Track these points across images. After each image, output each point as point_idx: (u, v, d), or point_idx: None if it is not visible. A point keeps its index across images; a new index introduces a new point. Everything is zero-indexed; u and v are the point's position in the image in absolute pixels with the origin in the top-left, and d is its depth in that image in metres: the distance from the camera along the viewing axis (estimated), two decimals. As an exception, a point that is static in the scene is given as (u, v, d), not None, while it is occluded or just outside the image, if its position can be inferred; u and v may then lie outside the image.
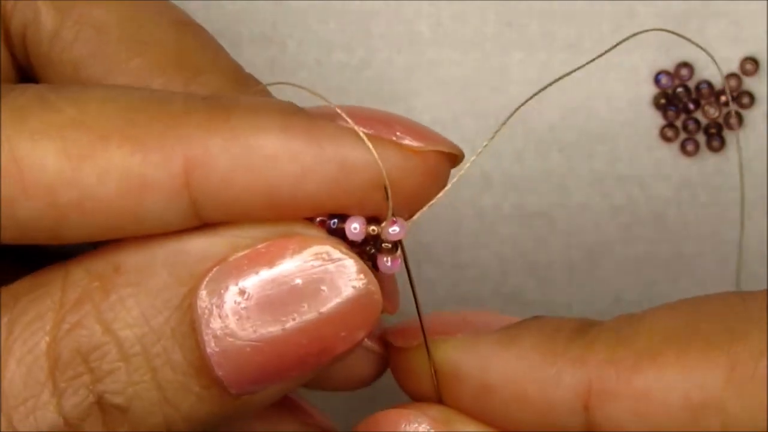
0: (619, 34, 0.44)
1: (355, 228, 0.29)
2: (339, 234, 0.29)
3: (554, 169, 0.44)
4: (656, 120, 0.44)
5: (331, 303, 0.28)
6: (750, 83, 0.44)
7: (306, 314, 0.28)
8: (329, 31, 0.44)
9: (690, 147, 0.44)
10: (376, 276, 0.29)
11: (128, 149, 0.27)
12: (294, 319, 0.28)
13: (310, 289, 0.28)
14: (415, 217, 0.30)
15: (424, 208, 0.30)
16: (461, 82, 0.44)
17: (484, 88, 0.44)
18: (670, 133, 0.44)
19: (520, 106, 0.32)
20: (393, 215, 0.29)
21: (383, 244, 0.29)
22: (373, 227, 0.29)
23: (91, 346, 0.27)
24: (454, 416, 0.31)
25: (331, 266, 0.28)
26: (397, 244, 0.29)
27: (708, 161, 0.44)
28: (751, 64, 0.44)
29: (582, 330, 0.30)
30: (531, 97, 0.32)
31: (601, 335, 0.30)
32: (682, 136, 0.44)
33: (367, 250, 0.29)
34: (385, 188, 0.29)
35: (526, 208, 0.44)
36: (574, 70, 0.33)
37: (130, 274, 0.28)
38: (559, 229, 0.44)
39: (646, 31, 0.35)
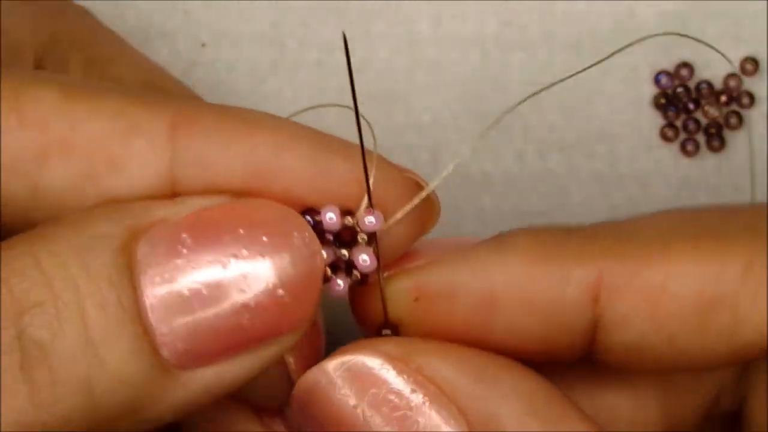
0: (619, 34, 0.44)
1: (330, 218, 0.28)
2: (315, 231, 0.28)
3: (554, 169, 0.44)
4: (656, 120, 0.44)
5: (284, 277, 0.27)
6: (750, 83, 0.44)
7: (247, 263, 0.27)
8: (329, 31, 0.44)
9: (690, 147, 0.44)
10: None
11: (124, 98, 0.28)
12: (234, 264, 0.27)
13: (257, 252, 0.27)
14: (396, 217, 0.29)
15: (405, 208, 0.29)
16: (461, 82, 0.44)
17: (484, 88, 0.44)
18: (670, 133, 0.44)
19: (515, 106, 0.32)
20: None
21: (359, 236, 0.29)
22: (348, 218, 0.28)
23: (20, 279, 0.26)
24: (415, 347, 0.29)
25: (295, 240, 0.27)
26: (372, 238, 0.29)
27: (708, 161, 0.44)
28: (751, 64, 0.44)
29: (578, 230, 0.29)
30: (526, 99, 0.32)
31: (604, 230, 0.29)
32: (682, 136, 0.44)
33: (341, 255, 0.29)
34: (366, 175, 0.28)
35: (526, 208, 0.44)
36: (575, 74, 0.33)
37: (69, 222, 0.27)
38: (559, 229, 0.44)
39: (652, 36, 0.35)
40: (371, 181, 0.29)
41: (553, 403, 0.28)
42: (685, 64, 0.44)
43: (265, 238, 0.27)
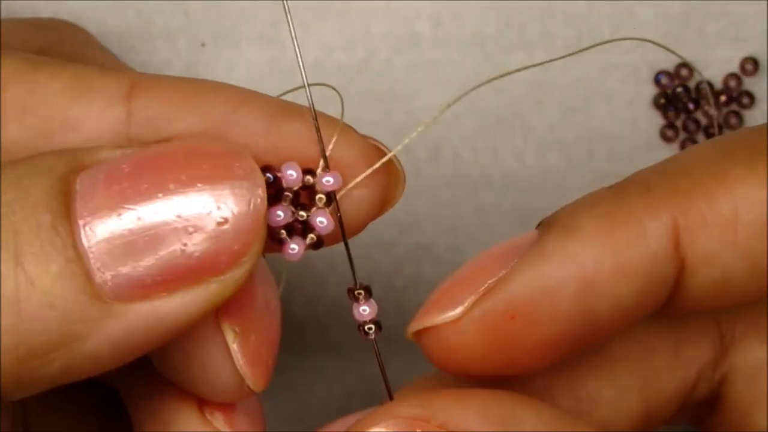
0: (619, 34, 0.44)
1: (291, 174, 0.28)
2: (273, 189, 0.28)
3: (554, 169, 0.44)
4: (656, 120, 0.44)
5: (226, 210, 0.26)
6: (750, 83, 0.44)
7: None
8: (329, 31, 0.44)
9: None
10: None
11: (84, 66, 0.29)
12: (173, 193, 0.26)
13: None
14: (352, 184, 0.29)
15: (363, 175, 0.29)
16: (461, 82, 0.44)
17: (484, 88, 0.44)
18: (670, 133, 0.44)
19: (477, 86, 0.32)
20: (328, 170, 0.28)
21: (317, 197, 0.28)
22: (308, 177, 0.28)
23: None
24: (433, 402, 0.27)
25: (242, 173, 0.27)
26: (330, 199, 0.28)
27: (708, 161, 0.44)
28: (751, 64, 0.44)
29: (627, 187, 0.29)
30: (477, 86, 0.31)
31: (654, 177, 0.29)
32: (682, 136, 0.44)
33: (299, 217, 0.28)
34: (319, 134, 0.28)
35: (526, 208, 0.44)
36: (530, 66, 0.33)
37: (21, 157, 0.27)
38: (559, 229, 0.44)
39: (622, 39, 0.35)
40: (331, 144, 0.28)
41: None
42: (685, 64, 0.44)
43: (205, 166, 0.26)
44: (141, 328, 0.26)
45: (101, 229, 0.26)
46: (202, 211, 0.26)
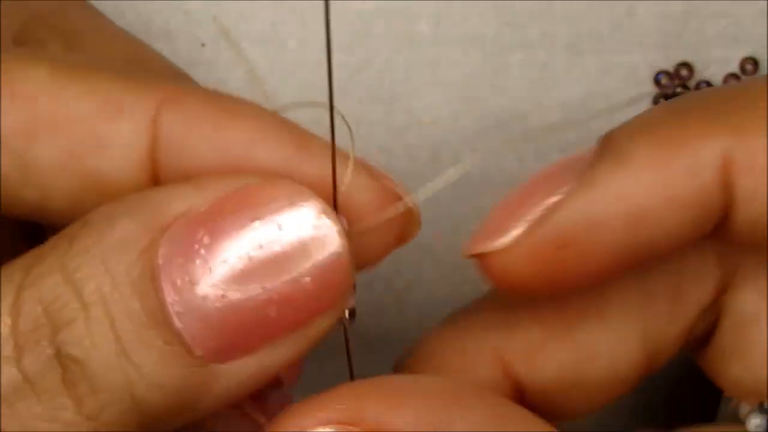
0: (619, 34, 0.44)
1: None
2: None
3: (554, 169, 0.44)
4: (656, 120, 0.44)
5: (307, 264, 0.27)
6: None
7: (277, 273, 0.27)
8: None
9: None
10: None
11: (112, 78, 0.29)
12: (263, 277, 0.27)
13: (289, 247, 0.27)
14: (364, 226, 0.29)
15: (371, 222, 0.29)
16: (461, 82, 0.44)
17: (484, 88, 0.44)
18: (670, 133, 0.44)
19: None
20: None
21: None
22: None
23: (52, 297, 0.27)
24: (363, 403, 0.27)
25: (317, 223, 0.27)
26: None
27: (708, 161, 0.44)
28: (751, 64, 0.44)
29: (687, 107, 0.29)
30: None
31: (710, 105, 0.28)
32: (682, 136, 0.44)
33: None
34: (334, 178, 0.28)
35: (526, 208, 0.44)
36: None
37: (94, 225, 0.27)
38: (559, 229, 0.44)
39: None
40: (344, 186, 0.28)
41: None
42: (685, 64, 0.44)
43: (279, 225, 0.27)
44: (247, 381, 0.28)
45: (191, 306, 0.27)
46: (284, 273, 0.27)
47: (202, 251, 0.27)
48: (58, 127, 0.29)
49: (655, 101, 0.44)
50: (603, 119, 0.44)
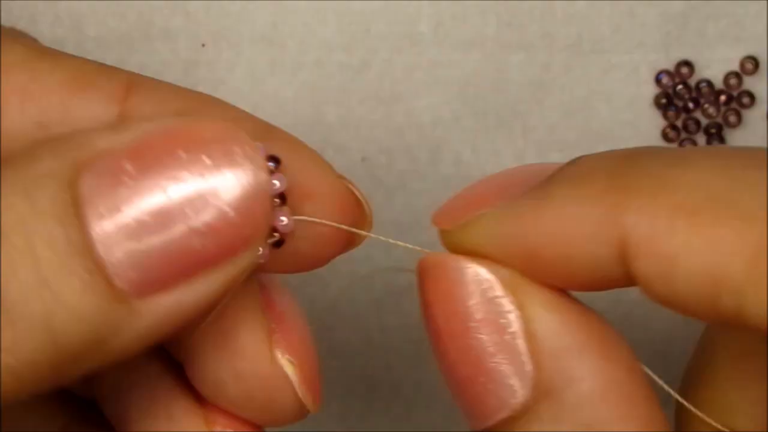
0: (619, 34, 0.44)
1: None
2: None
3: (554, 169, 0.44)
4: (657, 120, 0.44)
5: (231, 196, 0.27)
6: (750, 83, 0.44)
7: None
8: (329, 31, 0.44)
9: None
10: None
11: (84, 61, 0.30)
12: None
13: (214, 179, 0.27)
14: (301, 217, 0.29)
15: (317, 220, 0.29)
16: (461, 82, 0.44)
17: (484, 88, 0.44)
18: (672, 134, 0.44)
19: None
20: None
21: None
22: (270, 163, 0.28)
23: None
24: (525, 290, 0.29)
25: (242, 158, 0.27)
26: (284, 198, 0.29)
27: (708, 161, 0.44)
28: (751, 64, 0.44)
29: (619, 172, 0.28)
30: None
31: (641, 181, 0.28)
32: (684, 136, 0.44)
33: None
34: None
35: (526, 208, 0.44)
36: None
37: (17, 160, 0.27)
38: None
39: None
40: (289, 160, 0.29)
41: (633, 392, 0.28)
42: (686, 63, 0.44)
43: (205, 158, 0.27)
44: (166, 319, 0.27)
45: (114, 234, 0.26)
46: (209, 202, 0.27)
47: (127, 180, 0.27)
48: (28, 96, 0.30)
49: (656, 101, 0.44)
50: (603, 119, 0.44)
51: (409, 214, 0.45)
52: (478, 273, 0.29)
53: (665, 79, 0.44)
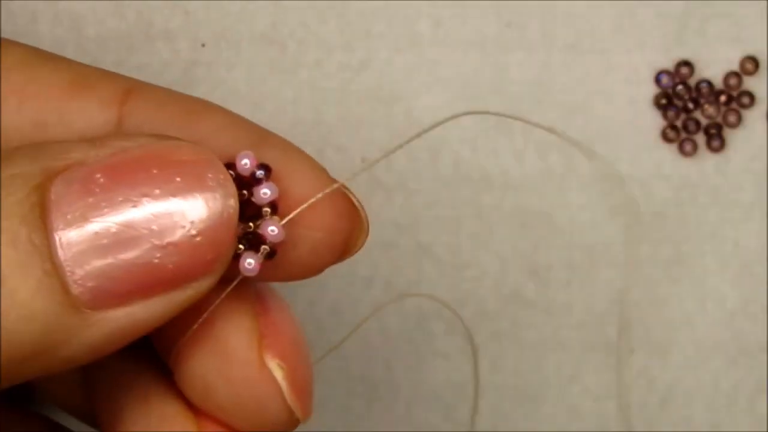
0: (620, 34, 0.44)
1: (245, 163, 0.28)
2: None
3: (554, 169, 0.44)
4: (657, 120, 0.44)
5: (199, 218, 0.27)
6: (750, 83, 0.44)
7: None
8: (329, 31, 0.44)
9: (688, 147, 0.44)
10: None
11: (83, 65, 0.30)
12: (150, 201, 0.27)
13: (184, 200, 0.27)
14: (291, 216, 0.29)
15: (301, 207, 0.29)
16: (461, 82, 0.44)
17: (484, 88, 0.44)
18: (672, 134, 0.44)
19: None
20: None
21: (263, 209, 0.28)
22: (260, 172, 0.28)
23: None
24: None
25: (214, 182, 0.27)
26: (275, 207, 0.28)
27: (708, 161, 0.44)
28: (751, 64, 0.44)
29: None
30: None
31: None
32: (683, 136, 0.44)
33: (248, 229, 0.28)
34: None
35: (526, 208, 0.44)
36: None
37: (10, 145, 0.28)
38: (559, 229, 0.44)
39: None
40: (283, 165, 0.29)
41: None
42: (686, 63, 0.44)
43: (178, 179, 0.27)
44: (117, 333, 0.27)
45: (77, 241, 0.26)
46: (176, 223, 0.27)
47: (97, 190, 0.27)
48: (25, 97, 0.30)
49: (656, 101, 0.44)
50: (603, 119, 0.44)
51: (409, 214, 0.45)
52: None
53: (665, 79, 0.44)
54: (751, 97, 0.44)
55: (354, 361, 0.45)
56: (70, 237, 0.26)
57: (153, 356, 0.32)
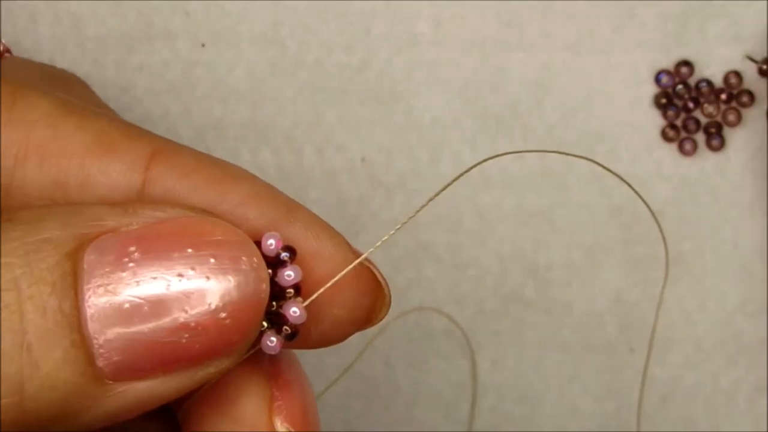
0: (619, 34, 0.44)
1: (270, 243, 0.28)
2: None
3: (554, 169, 0.44)
4: (657, 120, 0.44)
5: (229, 300, 0.27)
6: (750, 82, 0.44)
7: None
8: (329, 31, 0.44)
9: (688, 147, 0.44)
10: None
11: (110, 122, 0.30)
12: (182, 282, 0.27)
13: (215, 280, 0.27)
14: (313, 297, 0.29)
15: (324, 287, 0.29)
16: (461, 82, 0.44)
17: (484, 88, 0.44)
18: (671, 133, 0.44)
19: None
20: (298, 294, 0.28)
21: (286, 291, 0.28)
22: (285, 254, 0.28)
23: None
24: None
25: (246, 265, 0.27)
26: (298, 290, 0.28)
27: (708, 161, 0.44)
28: (751, 63, 0.44)
29: None
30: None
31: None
32: (683, 135, 0.44)
33: (270, 307, 0.29)
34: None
35: (526, 207, 0.44)
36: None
37: (21, 220, 0.27)
38: (559, 229, 0.44)
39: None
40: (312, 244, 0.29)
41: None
42: (686, 62, 0.44)
43: (212, 260, 0.27)
44: (136, 404, 0.27)
45: (107, 314, 0.26)
46: (207, 304, 0.27)
47: (131, 264, 0.27)
48: (48, 155, 0.29)
49: (656, 101, 0.44)
50: (603, 119, 0.44)
51: (409, 214, 0.45)
52: None
53: (665, 79, 0.44)
54: (751, 96, 0.44)
55: (353, 356, 0.45)
56: (100, 309, 0.26)
57: (163, 410, 0.32)
